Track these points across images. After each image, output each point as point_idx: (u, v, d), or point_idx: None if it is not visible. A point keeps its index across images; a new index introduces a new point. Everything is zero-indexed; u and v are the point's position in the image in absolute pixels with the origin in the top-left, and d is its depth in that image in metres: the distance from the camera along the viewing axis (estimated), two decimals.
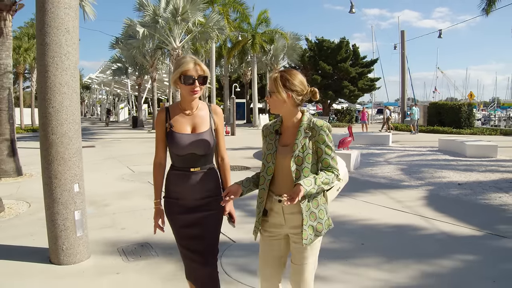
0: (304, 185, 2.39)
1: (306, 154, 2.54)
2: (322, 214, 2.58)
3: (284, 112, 2.64)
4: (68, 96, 4.33)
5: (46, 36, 4.26)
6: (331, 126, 2.61)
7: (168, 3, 24.03)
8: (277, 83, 2.54)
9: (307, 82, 2.59)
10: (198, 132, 2.91)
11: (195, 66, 2.81)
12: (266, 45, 35.23)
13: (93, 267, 4.43)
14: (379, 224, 6.09)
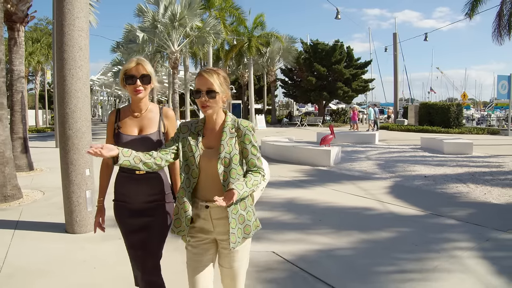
0: (237, 189, 2.32)
1: (233, 155, 2.47)
2: (250, 215, 2.55)
3: (212, 114, 2.53)
4: (81, 100, 5.48)
5: (64, 53, 5.41)
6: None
7: (166, 9, 25.17)
8: (220, 80, 2.48)
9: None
10: (144, 134, 2.90)
11: (137, 66, 2.83)
12: (262, 47, 36.27)
13: (99, 235, 5.54)
14: (339, 206, 7.19)
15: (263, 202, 7.42)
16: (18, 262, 4.69)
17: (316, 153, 12.42)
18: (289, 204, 7.31)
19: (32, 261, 4.72)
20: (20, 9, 10.98)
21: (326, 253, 4.85)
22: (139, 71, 2.81)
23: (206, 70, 2.49)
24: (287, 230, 5.75)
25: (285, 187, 8.91)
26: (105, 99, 70.33)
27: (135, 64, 2.81)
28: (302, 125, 36.14)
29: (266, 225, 5.96)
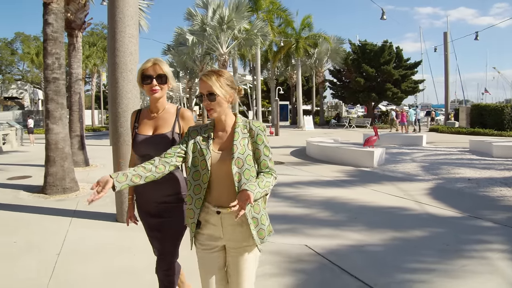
0: (250, 190, 2.21)
1: (246, 156, 2.42)
2: (263, 219, 2.47)
3: (223, 114, 2.50)
4: (131, 101, 5.96)
5: (116, 58, 5.90)
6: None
7: (215, 12, 25.83)
8: (220, 82, 2.42)
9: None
10: (157, 134, 2.90)
11: (153, 66, 2.82)
12: (310, 49, 36.50)
13: None
14: (376, 206, 7.33)
15: (301, 199, 7.73)
16: (74, 245, 5.32)
17: (360, 154, 12.53)
18: (327, 203, 7.53)
19: (85, 244, 5.32)
20: (78, 17, 11.76)
21: (356, 248, 5.07)
22: (156, 71, 2.82)
23: (206, 73, 2.47)
24: (322, 226, 6.00)
25: (326, 186, 9.13)
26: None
27: (151, 64, 2.83)
28: (350, 126, 35.97)
29: (303, 221, 6.29)
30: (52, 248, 5.20)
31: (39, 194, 8.45)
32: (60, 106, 8.55)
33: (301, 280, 4.14)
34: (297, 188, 8.86)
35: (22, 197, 8.32)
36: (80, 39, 12.14)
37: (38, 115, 43.89)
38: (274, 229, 4.94)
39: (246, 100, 58.36)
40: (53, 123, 8.47)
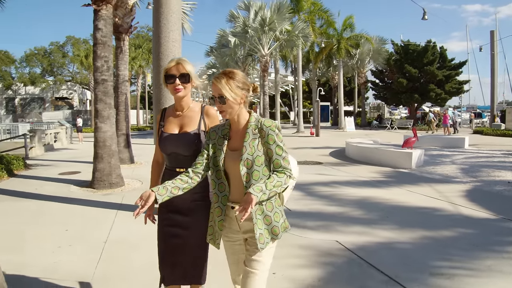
0: (254, 193, 2.29)
1: (255, 157, 2.47)
2: (277, 217, 2.54)
3: (236, 115, 2.57)
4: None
5: (160, 61, 6.30)
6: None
7: (257, 14, 26.22)
8: (230, 85, 2.48)
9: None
10: (183, 132, 2.93)
11: (177, 65, 2.87)
12: (352, 49, 36.28)
13: None
14: (409, 206, 7.44)
15: (336, 198, 7.93)
16: (119, 235, 5.77)
17: (398, 155, 12.56)
18: (361, 202, 7.70)
19: (130, 234, 5.74)
20: (125, 22, 12.35)
21: (385, 245, 5.24)
22: (179, 70, 2.86)
23: (217, 76, 2.54)
24: (354, 224, 6.20)
25: (361, 186, 9.27)
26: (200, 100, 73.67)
27: (175, 64, 2.88)
28: (392, 128, 35.58)
29: (336, 219, 6.50)
30: (99, 237, 5.66)
31: (87, 188, 9.04)
32: (108, 106, 9.07)
33: (328, 273, 4.38)
34: (333, 188, 9.05)
35: (73, 191, 8.94)
36: (126, 42, 12.74)
37: (86, 115, 45.60)
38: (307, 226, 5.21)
39: (288, 101, 58.66)
40: (102, 122, 9.00)
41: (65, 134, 23.68)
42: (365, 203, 7.60)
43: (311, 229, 5.97)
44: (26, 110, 52.97)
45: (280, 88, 38.77)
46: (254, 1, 27.25)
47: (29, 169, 13.33)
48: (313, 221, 6.35)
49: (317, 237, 5.58)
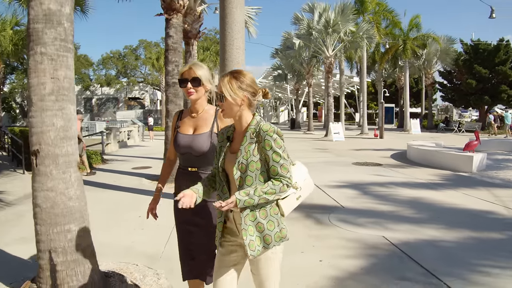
0: (238, 196, 2.33)
1: (249, 162, 2.43)
2: (271, 225, 2.47)
3: (237, 116, 2.52)
4: None
5: (226, 67, 6.93)
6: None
7: (321, 16, 26.55)
8: (231, 84, 2.46)
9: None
10: (196, 134, 3.03)
11: (189, 70, 2.99)
12: (418, 50, 35.52)
13: None
14: (462, 208, 7.56)
15: (390, 198, 8.22)
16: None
17: (458, 159, 12.50)
18: (414, 202, 7.93)
19: None
20: (194, 27, 13.15)
21: (429, 242, 5.54)
22: (190, 75, 2.99)
23: (223, 74, 2.57)
24: (402, 222, 6.49)
25: (416, 188, 9.44)
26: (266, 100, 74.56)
27: (187, 68, 3.02)
28: (460, 131, 34.54)
29: (386, 217, 6.84)
30: (167, 223, 6.32)
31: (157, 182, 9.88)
32: (178, 106, 9.85)
33: (371, 263, 4.78)
34: (388, 188, 9.31)
35: (144, 183, 9.86)
36: (195, 46, 13.55)
37: (157, 114, 47.69)
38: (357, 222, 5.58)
39: (353, 102, 58.17)
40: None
41: (137, 132, 25.18)
42: (417, 204, 7.83)
43: (360, 225, 6.35)
44: (102, 109, 56.27)
45: (345, 89, 38.69)
46: (318, 3, 27.59)
47: (106, 163, 14.57)
48: (364, 218, 6.73)
49: (365, 232, 5.96)
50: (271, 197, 2.39)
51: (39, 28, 3.45)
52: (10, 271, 4.64)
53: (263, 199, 2.37)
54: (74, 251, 3.66)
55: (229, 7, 7.02)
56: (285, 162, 2.42)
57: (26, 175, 11.91)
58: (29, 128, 3.57)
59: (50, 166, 3.52)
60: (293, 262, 4.79)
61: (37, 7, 3.46)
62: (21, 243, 5.67)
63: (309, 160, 14.84)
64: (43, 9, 3.46)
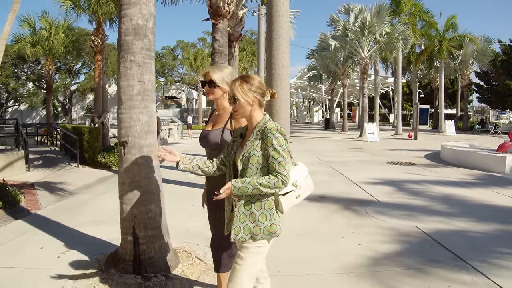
0: (233, 182, 2.60)
1: (251, 155, 2.65)
2: (263, 218, 2.67)
3: (249, 116, 2.77)
4: (284, 103, 7.63)
5: (272, 70, 7.59)
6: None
7: (357, 18, 26.95)
8: (242, 87, 2.70)
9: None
10: (211, 130, 3.36)
11: (206, 73, 3.31)
12: (454, 50, 35.33)
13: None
14: (492, 204, 7.97)
15: (423, 195, 8.72)
16: None
17: (491, 159, 12.77)
18: (445, 198, 8.39)
19: None
20: (236, 31, 13.90)
21: (459, 233, 6.05)
22: (207, 78, 3.31)
23: (234, 79, 2.84)
24: (434, 215, 7.00)
25: (448, 186, 9.86)
26: (300, 100, 74.97)
27: (205, 72, 3.36)
28: (496, 133, 34.18)
29: (419, 210, 7.39)
30: None
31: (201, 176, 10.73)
32: None
33: (404, 248, 5.36)
34: (421, 185, 9.78)
35: (190, 177, 10.71)
36: (237, 49, 14.29)
37: (193, 113, 48.77)
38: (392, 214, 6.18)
39: (388, 102, 57.97)
40: None
41: (177, 130, 26.14)
42: (449, 200, 8.29)
43: (395, 216, 6.92)
44: None
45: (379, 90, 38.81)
46: (354, 5, 27.95)
47: None
48: (398, 211, 7.28)
49: (399, 222, 6.53)
50: (265, 190, 2.60)
51: (129, 40, 4.20)
52: (89, 247, 5.42)
53: (256, 190, 2.59)
54: (153, 227, 4.40)
55: (276, 15, 7.67)
56: (283, 160, 2.61)
57: (80, 168, 12.95)
58: (118, 123, 4.33)
59: (136, 154, 4.27)
60: (335, 246, 5.47)
61: (127, 22, 4.21)
62: (92, 225, 6.51)
63: (345, 159, 15.40)
64: (132, 24, 4.20)
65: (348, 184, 9.97)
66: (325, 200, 8.06)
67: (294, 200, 2.78)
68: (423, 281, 4.29)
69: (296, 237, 5.80)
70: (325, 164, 13.48)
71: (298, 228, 6.16)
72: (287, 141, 2.69)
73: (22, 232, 6.23)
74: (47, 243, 5.64)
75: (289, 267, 4.73)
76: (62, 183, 10.43)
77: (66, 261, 4.92)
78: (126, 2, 4.21)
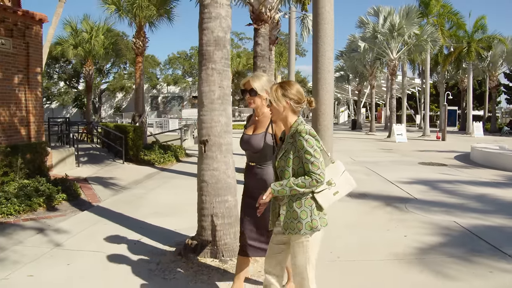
0: (272, 186, 2.86)
1: (286, 158, 2.87)
2: (304, 215, 2.85)
3: (283, 119, 2.96)
4: (328, 106, 8.15)
5: (318, 74, 8.13)
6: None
7: (386, 20, 27.25)
8: (276, 92, 2.90)
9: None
10: (253, 134, 3.61)
11: (247, 82, 3.55)
12: (483, 51, 35.15)
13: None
14: None
15: (457, 193, 9.16)
16: None
17: None
18: (479, 197, 8.81)
19: None
20: (273, 34, 14.45)
21: (495, 228, 6.53)
22: (247, 87, 3.58)
23: (272, 85, 3.07)
24: (470, 212, 7.48)
25: (481, 185, 10.25)
26: None
27: (246, 81, 3.60)
28: None
29: (455, 207, 7.88)
30: None
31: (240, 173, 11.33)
32: None
33: (446, 239, 5.89)
34: (454, 185, 10.22)
35: None
36: (273, 52, 14.86)
37: None
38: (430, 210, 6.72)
39: (413, 103, 57.85)
40: None
41: None
42: (483, 198, 8.71)
43: (433, 212, 7.42)
44: (167, 107, 58.94)
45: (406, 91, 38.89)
46: (383, 7, 28.22)
47: (188, 156, 16.19)
48: (435, 207, 7.78)
49: (438, 217, 7.04)
50: (302, 190, 2.79)
51: (210, 50, 4.83)
52: (159, 236, 6.07)
53: (294, 190, 2.80)
54: (229, 216, 5.02)
55: (322, 23, 8.22)
56: (316, 160, 2.76)
57: (125, 164, 13.65)
58: (199, 123, 4.97)
59: (216, 152, 4.90)
60: (382, 237, 6.04)
61: (209, 34, 4.85)
62: (155, 217, 7.18)
63: (377, 159, 15.88)
64: (213, 36, 4.84)
65: (385, 183, 10.48)
66: (365, 197, 8.61)
67: (332, 197, 2.96)
68: (467, 268, 4.81)
69: (345, 228, 6.38)
70: (359, 163, 13.99)
71: (346, 221, 6.75)
72: (319, 141, 2.84)
73: (93, 222, 6.94)
74: (120, 232, 6.31)
75: (344, 254, 5.32)
76: (113, 179, 11.14)
77: (143, 248, 5.59)
78: (207, 16, 4.83)
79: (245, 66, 46.98)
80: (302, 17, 17.62)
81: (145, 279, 4.54)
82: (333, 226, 6.38)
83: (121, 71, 55.68)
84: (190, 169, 12.75)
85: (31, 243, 5.84)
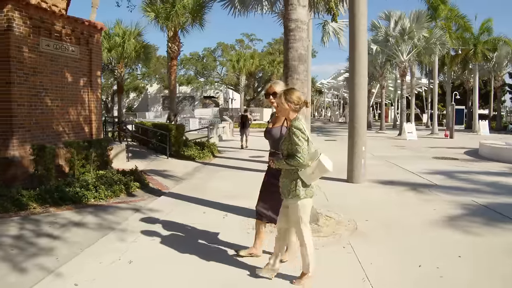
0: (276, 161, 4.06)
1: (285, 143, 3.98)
2: (293, 185, 3.96)
3: (286, 116, 4.09)
4: (362, 108, 9.67)
5: (355, 79, 9.63)
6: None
7: (397, 24, 28.54)
8: (282, 98, 4.00)
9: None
10: (273, 127, 4.52)
11: (270, 87, 4.44)
12: (489, 53, 36.24)
13: (368, 185, 9.75)
14: None
15: (471, 181, 10.59)
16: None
17: None
18: (491, 183, 10.23)
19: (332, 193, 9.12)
20: None
21: (508, 204, 7.94)
22: (270, 90, 4.50)
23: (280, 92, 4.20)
24: (485, 194, 8.91)
25: (491, 175, 11.67)
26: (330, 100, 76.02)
27: (269, 86, 4.55)
28: None
29: (470, 190, 9.31)
30: None
31: None
32: None
33: (465, 212, 7.39)
34: (468, 175, 11.64)
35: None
36: None
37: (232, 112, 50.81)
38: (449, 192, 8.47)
39: (419, 103, 59.01)
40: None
41: (229, 128, 28.42)
42: (494, 184, 10.13)
43: (454, 194, 8.88)
44: (179, 106, 60.17)
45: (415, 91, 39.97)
46: (394, 11, 29.44)
47: (220, 153, 17.60)
48: (454, 191, 9.23)
49: (458, 198, 8.49)
50: (289, 166, 3.94)
51: (295, 64, 6.33)
52: (241, 212, 7.33)
53: (286, 165, 3.96)
54: None
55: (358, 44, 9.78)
56: (298, 148, 3.85)
57: (170, 159, 14.94)
58: None
59: None
60: (415, 210, 7.53)
61: (294, 52, 6.34)
62: (227, 199, 8.24)
63: (393, 154, 17.28)
64: (297, 53, 6.34)
65: (407, 173, 11.93)
66: (393, 183, 10.10)
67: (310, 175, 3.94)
68: (488, 229, 6.31)
69: (383, 204, 7.91)
70: (379, 158, 15.42)
71: (382, 200, 8.32)
72: (304, 133, 3.89)
73: (176, 204, 8.01)
74: (205, 210, 7.50)
75: (388, 222, 6.81)
76: (167, 171, 12.41)
77: (233, 220, 6.81)
78: (293, 38, 6.33)
79: (258, 67, 48.25)
80: (323, 23, 18.61)
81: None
82: (371, 203, 7.96)
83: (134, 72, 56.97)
84: (228, 163, 14.40)
85: (136, 218, 6.94)
